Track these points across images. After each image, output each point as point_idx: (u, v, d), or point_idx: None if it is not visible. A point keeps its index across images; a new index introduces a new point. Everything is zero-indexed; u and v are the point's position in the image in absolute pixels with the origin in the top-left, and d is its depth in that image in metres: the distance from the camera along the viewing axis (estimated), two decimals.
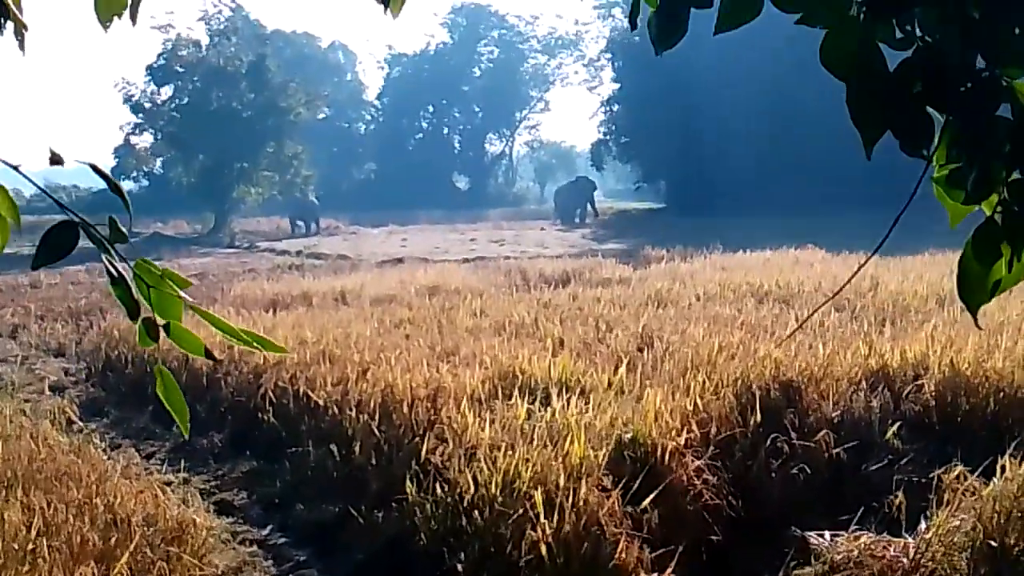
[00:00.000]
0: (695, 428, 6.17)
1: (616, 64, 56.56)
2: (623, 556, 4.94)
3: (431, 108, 79.48)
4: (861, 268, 2.76)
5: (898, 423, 6.54)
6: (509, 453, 5.50)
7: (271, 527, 6.32)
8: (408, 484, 5.64)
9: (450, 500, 5.37)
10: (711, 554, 5.47)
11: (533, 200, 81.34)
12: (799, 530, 5.17)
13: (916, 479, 5.77)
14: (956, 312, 10.07)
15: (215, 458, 7.72)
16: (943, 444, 6.33)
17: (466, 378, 7.54)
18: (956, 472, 5.46)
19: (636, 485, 5.42)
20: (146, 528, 5.21)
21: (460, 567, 5.00)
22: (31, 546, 4.65)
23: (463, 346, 9.30)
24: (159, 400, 1.72)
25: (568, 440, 5.67)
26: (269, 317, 12.20)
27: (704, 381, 6.98)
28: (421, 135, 79.39)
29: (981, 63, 1.60)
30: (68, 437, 7.43)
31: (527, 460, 5.41)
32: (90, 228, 1.53)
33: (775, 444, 6.18)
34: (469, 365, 8.20)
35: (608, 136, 57.81)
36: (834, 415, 6.65)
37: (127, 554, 4.77)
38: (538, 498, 5.04)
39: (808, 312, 11.15)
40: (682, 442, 5.94)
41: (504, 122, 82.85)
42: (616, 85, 57.52)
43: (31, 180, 1.68)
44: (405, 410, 6.91)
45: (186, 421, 1.71)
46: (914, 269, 15.03)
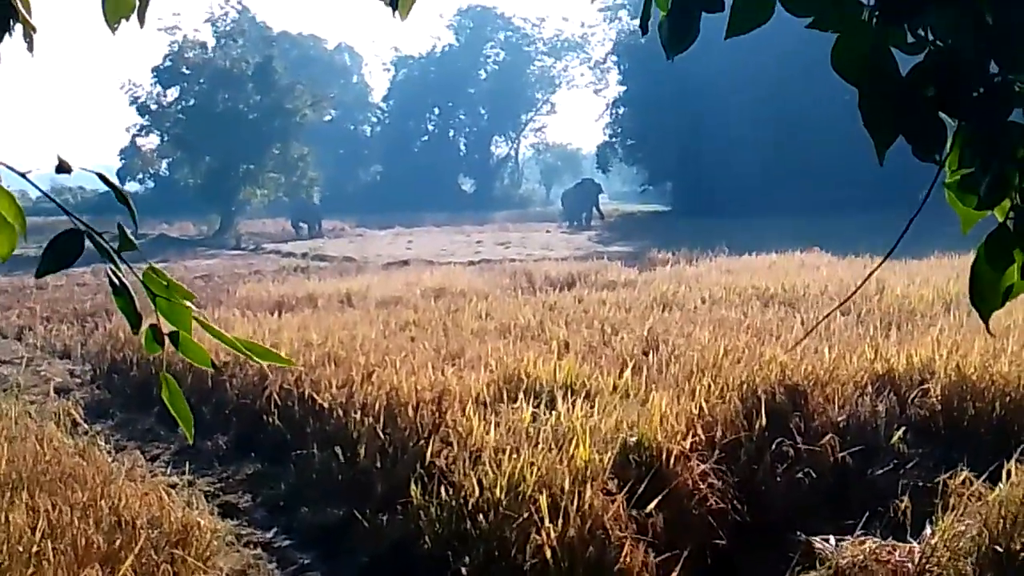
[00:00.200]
0: (700, 432, 6.16)
1: (622, 67, 56.58)
2: (628, 560, 4.93)
3: (437, 110, 79.65)
4: (871, 275, 2.76)
5: (904, 428, 6.52)
6: (514, 456, 5.49)
7: (276, 530, 6.32)
8: (413, 487, 5.64)
9: (455, 503, 5.36)
10: (716, 558, 5.45)
11: (539, 202, 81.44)
12: (804, 535, 5.16)
13: (922, 484, 5.75)
14: (962, 316, 10.04)
15: (220, 460, 7.72)
16: (949, 449, 6.31)
17: (471, 381, 7.54)
18: (962, 477, 5.44)
19: (641, 489, 5.40)
20: (151, 530, 5.21)
21: (465, 571, 5.00)
22: (36, 548, 4.66)
23: (468, 349, 9.30)
24: (164, 402, 1.72)
25: (573, 444, 5.67)
26: (274, 319, 12.21)
27: (710, 385, 6.96)
28: (427, 137, 79.56)
29: (994, 68, 1.58)
30: (73, 439, 7.44)
31: (532, 463, 5.40)
32: (96, 236, 1.53)
33: (780, 448, 6.17)
34: (474, 368, 8.19)
35: (614, 138, 57.86)
36: (840, 419, 6.63)
37: (132, 556, 4.77)
38: (543, 502, 5.04)
39: (814, 315, 11.13)
40: (687, 446, 5.93)
41: (510, 124, 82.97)
42: (622, 87, 57.56)
43: (37, 187, 1.68)
44: (410, 413, 6.91)
45: (191, 428, 1.71)
46: (920, 273, 15.00)
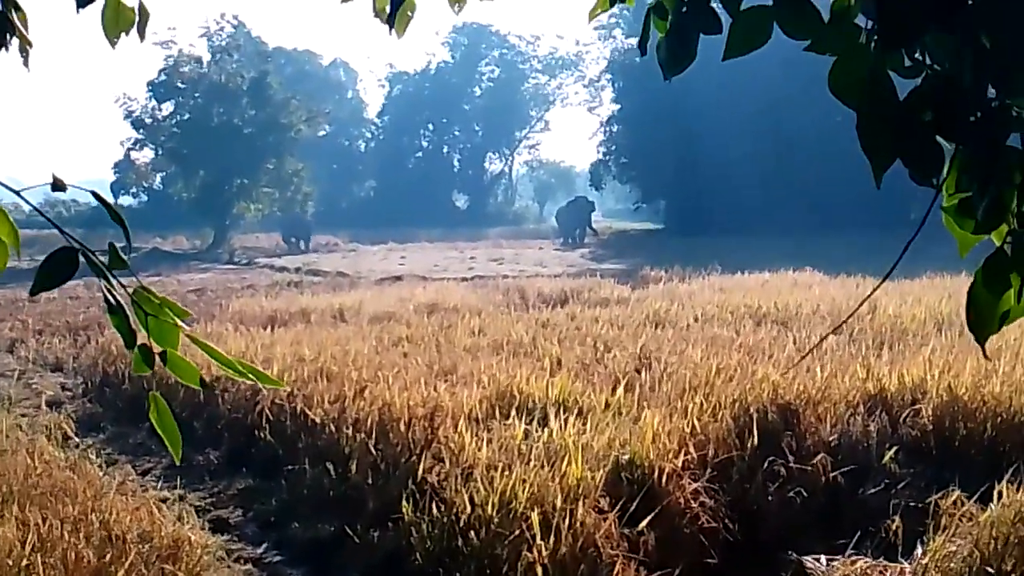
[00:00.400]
0: (693, 450, 6.16)
1: (616, 85, 56.80)
2: None
3: (431, 126, 79.79)
4: (867, 298, 2.78)
5: (895, 447, 6.53)
6: (506, 473, 5.49)
7: (266, 545, 6.30)
8: (404, 503, 5.63)
9: (446, 520, 5.36)
10: None
11: (532, 219, 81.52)
12: (796, 554, 5.17)
13: (913, 504, 5.76)
14: (954, 336, 10.07)
15: (211, 475, 7.70)
16: (940, 469, 6.32)
17: (464, 397, 7.53)
18: (953, 497, 5.46)
19: (633, 507, 5.41)
20: (141, 545, 5.19)
21: None
22: (26, 562, 4.64)
23: (461, 365, 9.29)
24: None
25: (565, 461, 5.67)
26: (267, 334, 12.18)
27: (702, 403, 6.97)
28: (421, 153, 79.63)
29: (991, 92, 1.59)
30: (64, 452, 7.42)
31: (524, 481, 5.40)
32: (91, 255, 1.53)
33: (772, 467, 6.18)
34: (467, 384, 8.19)
35: (608, 156, 58.00)
36: (831, 439, 6.65)
37: (122, 571, 4.76)
38: (535, 519, 5.04)
39: (806, 334, 11.16)
40: (679, 464, 5.93)
41: (504, 141, 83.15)
42: (616, 106, 57.78)
43: (32, 205, 1.69)
44: (402, 429, 6.91)
45: (178, 448, 1.71)
46: (912, 292, 15.04)
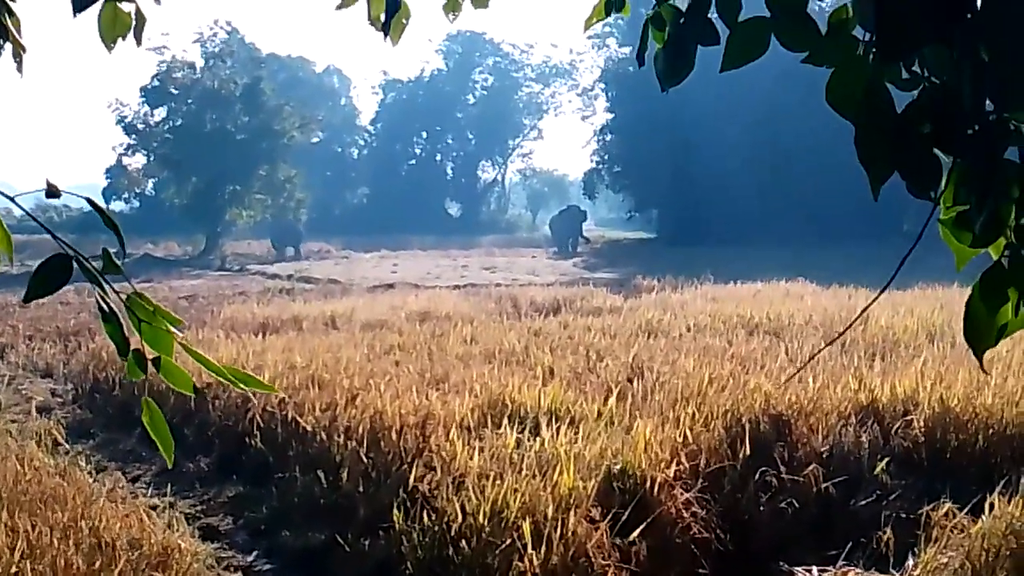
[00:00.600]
0: (684, 460, 6.16)
1: (610, 94, 56.89)
2: None
3: (425, 134, 79.84)
4: (863, 312, 2.79)
5: (887, 458, 6.53)
6: (497, 482, 5.48)
7: (257, 553, 6.27)
8: (396, 512, 5.61)
9: (437, 529, 5.34)
10: None
11: (525, 227, 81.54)
12: (787, 565, 5.17)
13: (904, 515, 5.77)
14: (946, 348, 10.10)
15: (201, 482, 7.67)
16: (932, 480, 6.33)
17: (455, 406, 7.52)
18: (945, 509, 5.46)
19: (625, 517, 5.40)
20: (131, 552, 5.17)
21: None
22: (14, 569, 4.62)
23: (453, 373, 9.28)
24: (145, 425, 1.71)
25: (557, 470, 5.66)
26: (259, 341, 12.15)
27: (694, 413, 6.97)
28: (414, 161, 79.71)
29: (989, 106, 1.59)
30: (54, 459, 7.39)
31: (516, 490, 5.39)
32: (85, 262, 1.52)
33: (764, 477, 6.18)
34: (459, 392, 8.17)
35: (601, 165, 58.08)
36: (823, 449, 6.65)
37: None
38: (526, 528, 5.03)
39: (798, 345, 11.17)
40: (671, 474, 5.93)
41: (497, 149, 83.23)
42: (609, 115, 57.83)
43: (26, 211, 1.68)
44: (394, 437, 6.89)
45: (171, 452, 1.70)
46: (904, 303, 15.07)
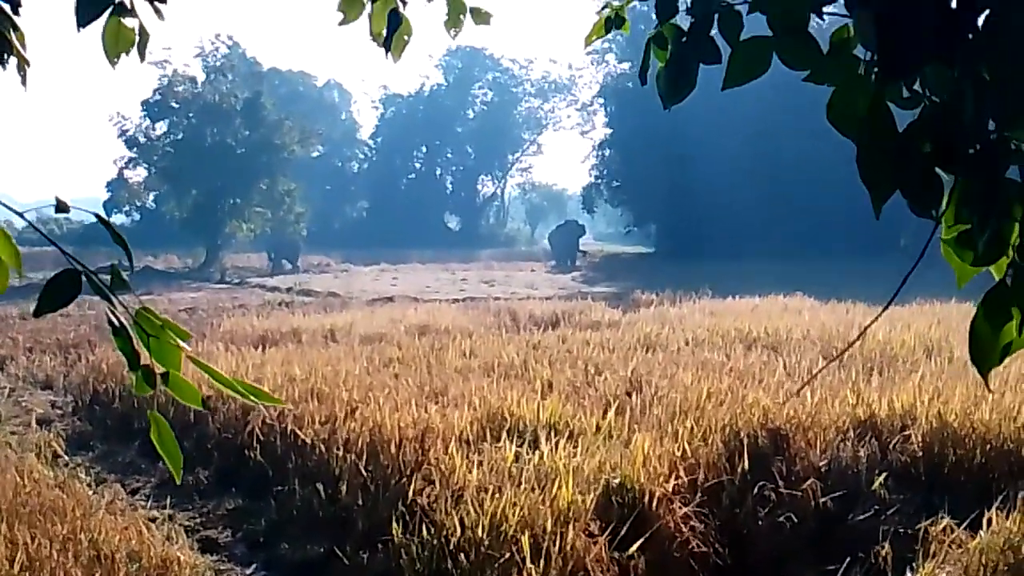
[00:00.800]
0: (683, 474, 6.17)
1: (608, 109, 57.04)
2: None
3: (424, 148, 79.98)
4: (866, 329, 2.79)
5: (885, 473, 6.54)
6: (496, 496, 5.49)
7: (255, 566, 6.27)
8: (394, 525, 5.62)
9: (436, 542, 5.35)
10: None
11: (524, 241, 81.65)
12: None
13: (902, 530, 5.78)
14: (944, 363, 10.12)
15: (201, 495, 7.67)
16: (930, 495, 6.34)
17: (454, 419, 7.53)
18: (943, 524, 5.48)
19: (624, 531, 5.42)
20: (130, 564, 5.18)
21: None
22: None
23: (452, 386, 9.29)
24: (145, 435, 1.72)
25: (556, 484, 5.67)
26: (258, 353, 12.17)
27: (692, 427, 6.99)
28: (414, 175, 79.84)
29: (990, 125, 1.59)
30: (54, 471, 7.40)
31: (514, 504, 5.40)
32: (94, 278, 1.52)
33: (762, 492, 6.19)
34: (458, 406, 8.18)
35: (599, 180, 58.17)
36: (821, 464, 6.66)
37: None
38: (525, 542, 5.04)
39: (796, 359, 11.18)
40: (670, 488, 5.94)
41: (497, 164, 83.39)
42: (608, 130, 57.98)
43: (35, 227, 1.69)
44: (392, 450, 6.90)
45: (179, 467, 1.71)
46: (902, 318, 15.09)
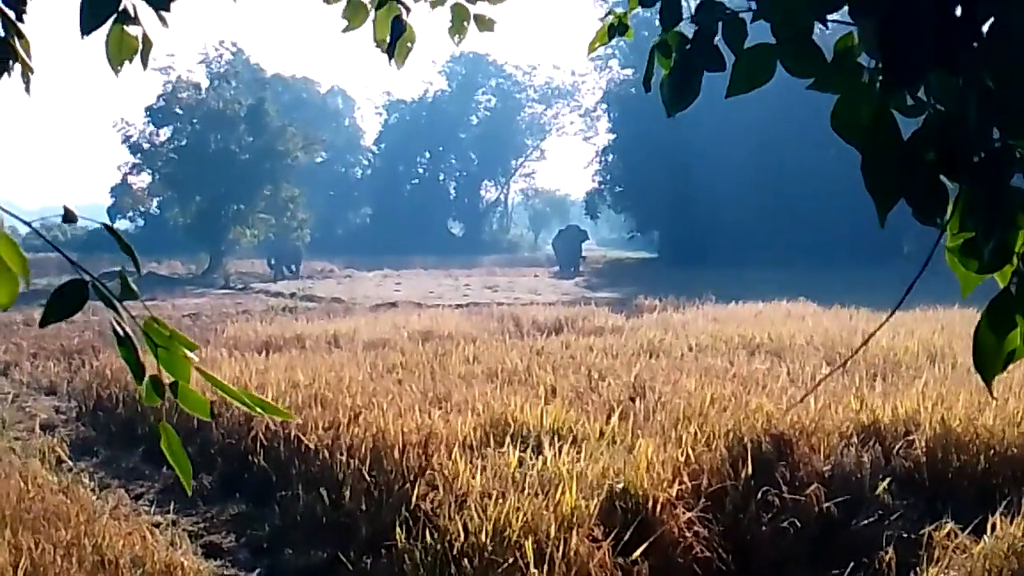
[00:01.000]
0: (687, 480, 6.17)
1: (612, 115, 57.12)
2: None
3: (428, 154, 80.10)
4: (871, 337, 2.80)
5: (888, 479, 6.53)
6: (500, 501, 5.50)
7: (259, 571, 6.28)
8: (398, 531, 5.62)
9: (440, 548, 5.35)
10: None
11: (527, 247, 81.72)
12: None
13: (906, 535, 5.77)
14: (947, 369, 10.12)
15: (204, 500, 7.66)
16: (933, 501, 6.34)
17: (458, 425, 7.54)
18: (946, 529, 5.48)
19: (627, 536, 5.41)
20: (134, 570, 5.19)
21: None
22: None
23: (455, 392, 9.29)
24: (149, 440, 1.71)
25: (559, 489, 5.68)
26: (262, 359, 12.17)
27: (696, 433, 6.98)
28: (417, 181, 79.92)
29: (995, 133, 1.58)
30: (58, 476, 7.40)
31: (518, 509, 5.40)
32: (101, 287, 1.52)
33: (766, 497, 6.18)
34: (461, 411, 8.19)
35: (603, 185, 58.21)
36: (825, 469, 6.65)
37: None
38: (528, 547, 5.04)
39: (799, 365, 11.18)
40: (673, 494, 5.94)
41: (500, 169, 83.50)
42: (611, 135, 58.05)
43: (44, 236, 1.69)
44: (396, 456, 6.90)
45: (190, 478, 1.70)
46: (905, 324, 15.07)
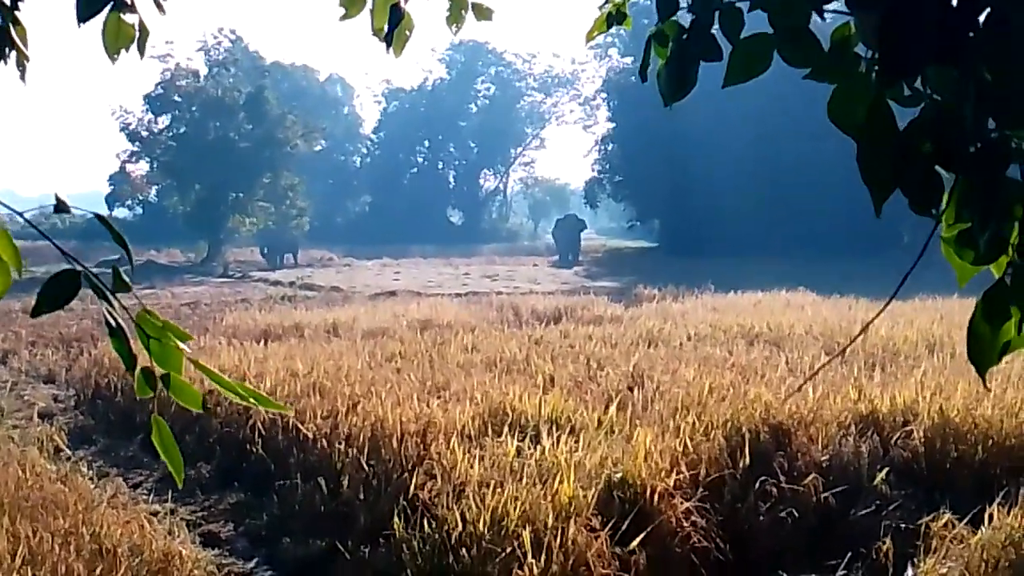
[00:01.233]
0: (684, 469, 6.18)
1: (611, 103, 56.95)
2: None
3: (427, 143, 79.93)
4: (868, 326, 2.79)
5: (886, 469, 6.54)
6: (498, 491, 5.50)
7: (257, 560, 6.28)
8: (396, 520, 5.63)
9: (438, 537, 5.36)
10: None
11: (526, 236, 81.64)
12: (786, 574, 5.18)
13: (904, 526, 5.78)
14: (946, 359, 10.12)
15: (202, 489, 7.67)
16: (931, 491, 6.34)
17: (456, 414, 7.54)
18: (944, 519, 5.48)
19: (625, 526, 5.42)
20: (132, 559, 5.19)
21: None
22: (16, 575, 4.63)
23: (454, 381, 9.30)
24: (148, 429, 1.69)
25: (557, 479, 5.68)
26: (261, 348, 12.18)
27: (694, 422, 6.99)
28: (416, 169, 79.79)
29: (991, 123, 1.58)
30: (56, 465, 7.41)
31: (516, 498, 5.41)
32: (93, 278, 1.51)
33: (764, 487, 6.19)
34: (460, 401, 8.20)
35: (602, 174, 58.08)
36: (823, 459, 6.66)
37: None
38: (526, 537, 5.04)
39: (798, 355, 11.19)
40: (671, 483, 5.94)
41: (499, 158, 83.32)
42: (611, 124, 57.90)
43: (35, 227, 1.68)
44: (394, 445, 6.90)
45: (181, 471, 1.69)
46: (904, 314, 15.09)
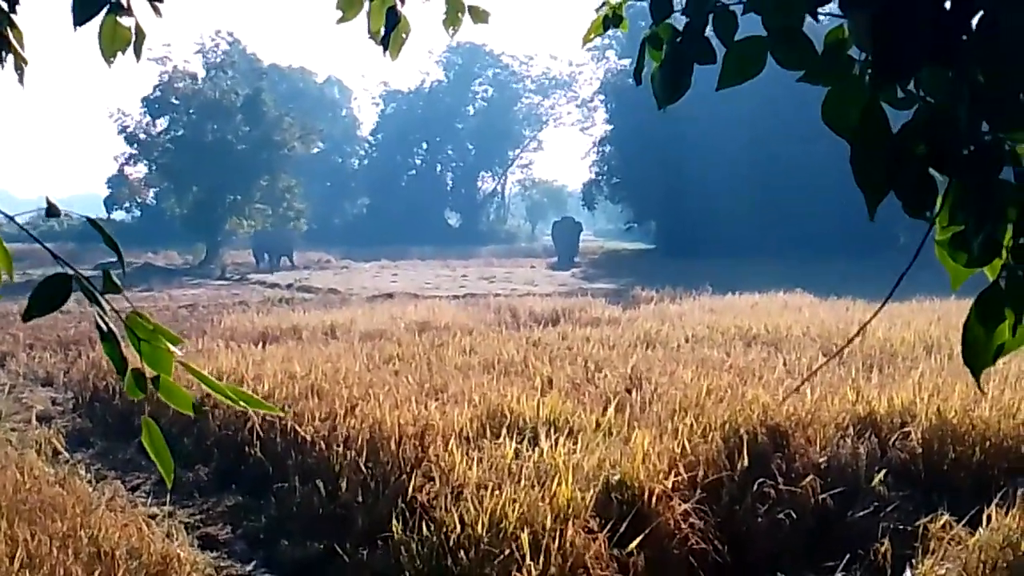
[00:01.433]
0: (682, 471, 6.17)
1: (609, 105, 56.93)
2: None
3: (425, 145, 79.91)
4: (864, 327, 2.79)
5: (884, 470, 6.55)
6: (496, 493, 5.50)
7: (255, 563, 6.28)
8: (394, 522, 5.63)
9: (436, 540, 5.36)
10: None
11: (524, 238, 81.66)
12: None
13: (902, 527, 5.79)
14: (943, 360, 10.13)
15: (200, 492, 7.67)
16: (929, 492, 6.34)
17: (454, 416, 7.54)
18: (942, 521, 5.49)
19: (623, 528, 5.42)
20: (130, 562, 5.18)
21: None
22: None
23: (452, 384, 9.30)
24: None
25: (556, 481, 5.68)
26: (258, 350, 12.18)
27: (692, 424, 6.99)
28: (414, 171, 79.78)
29: (984, 126, 1.59)
30: (54, 468, 7.41)
31: (514, 500, 5.41)
32: (84, 282, 1.51)
33: (762, 489, 6.19)
34: (458, 403, 8.19)
35: (600, 176, 58.07)
36: (821, 461, 6.67)
37: None
38: (524, 539, 5.04)
39: (796, 356, 11.20)
40: (669, 485, 5.95)
41: (497, 160, 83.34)
42: (609, 126, 57.88)
43: (27, 231, 1.68)
44: (392, 447, 6.91)
45: (170, 472, 1.69)
46: (901, 316, 15.10)
